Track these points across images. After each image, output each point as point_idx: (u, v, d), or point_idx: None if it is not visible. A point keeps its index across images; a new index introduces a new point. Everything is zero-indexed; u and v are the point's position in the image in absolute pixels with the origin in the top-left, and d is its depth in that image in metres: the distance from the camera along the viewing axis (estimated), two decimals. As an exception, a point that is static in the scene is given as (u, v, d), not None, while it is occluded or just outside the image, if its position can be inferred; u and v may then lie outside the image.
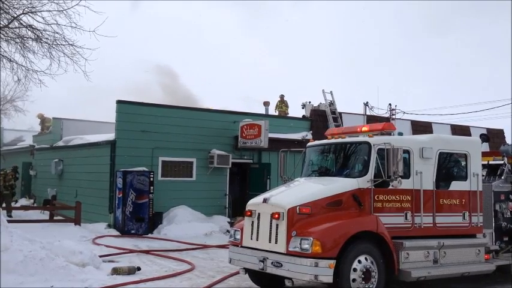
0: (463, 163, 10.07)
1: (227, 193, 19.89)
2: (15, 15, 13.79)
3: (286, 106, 24.05)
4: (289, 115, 23.67)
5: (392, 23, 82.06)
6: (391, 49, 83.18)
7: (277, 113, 23.73)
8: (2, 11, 13.68)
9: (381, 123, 10.38)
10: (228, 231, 16.68)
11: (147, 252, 13.52)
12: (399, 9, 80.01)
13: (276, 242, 8.41)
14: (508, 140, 26.84)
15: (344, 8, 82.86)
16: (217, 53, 74.35)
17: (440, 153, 9.68)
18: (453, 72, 76.84)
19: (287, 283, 8.43)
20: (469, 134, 24.72)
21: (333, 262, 7.93)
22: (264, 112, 23.21)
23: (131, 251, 13.51)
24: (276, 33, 79.07)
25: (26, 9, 13.77)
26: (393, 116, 27.65)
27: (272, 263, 8.34)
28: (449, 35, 79.43)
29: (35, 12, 13.81)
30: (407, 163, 9.20)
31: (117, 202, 17.54)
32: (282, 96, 24.18)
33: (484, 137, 11.70)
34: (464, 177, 9.96)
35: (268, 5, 77.81)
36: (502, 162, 11.39)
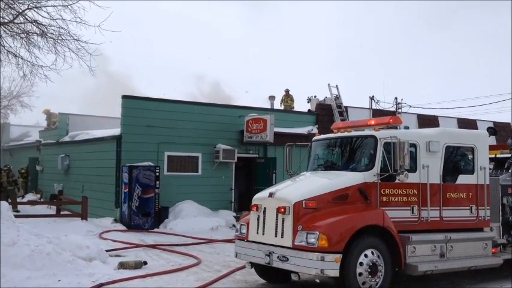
0: (470, 157, 10.00)
1: (233, 188, 19.89)
2: (20, 11, 13.79)
3: (292, 100, 23.97)
4: (294, 109, 23.61)
5: (397, 17, 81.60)
6: (398, 43, 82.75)
7: (282, 108, 23.68)
8: (7, 6, 13.69)
9: (387, 116, 10.31)
10: (234, 225, 16.70)
11: (153, 246, 13.54)
12: (404, 3, 79.56)
13: (282, 236, 8.39)
14: (515, 134, 26.68)
15: (347, 4, 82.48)
16: (218, 50, 74.30)
17: (447, 146, 9.62)
18: (460, 66, 76.42)
19: (293, 277, 8.43)
20: (476, 128, 24.58)
21: (339, 256, 7.90)
22: (269, 106, 23.17)
23: (137, 246, 13.54)
24: (278, 29, 78.85)
25: (31, 5, 13.77)
26: (399, 110, 27.57)
27: (278, 257, 8.33)
28: (455, 28, 78.92)
29: (40, 7, 13.81)
30: (413, 157, 9.14)
31: (123, 197, 17.58)
32: (287, 91, 24.09)
33: (491, 131, 11.61)
34: (471, 171, 9.89)
35: (269, 3, 77.64)
36: (510, 155, 11.32)
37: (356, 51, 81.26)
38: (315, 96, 23.37)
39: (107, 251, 11.72)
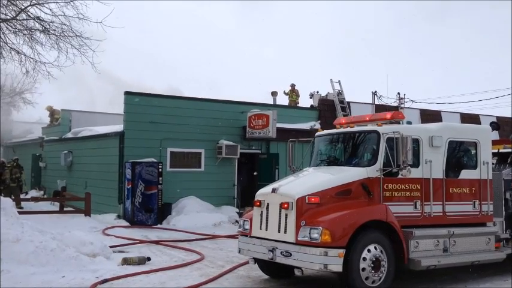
0: (473, 151, 9.99)
1: (235, 183, 19.91)
2: (23, 7, 13.81)
3: (297, 95, 23.91)
4: (297, 105, 23.57)
5: (399, 11, 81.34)
6: (400, 37, 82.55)
7: (288, 102, 23.62)
8: (9, 3, 13.70)
9: (390, 111, 10.30)
10: (237, 221, 16.73)
11: (156, 242, 13.58)
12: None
13: (285, 232, 8.40)
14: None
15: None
16: (218, 46, 74.21)
17: (449, 141, 9.61)
18: (463, 60, 76.23)
19: (296, 272, 8.43)
20: (479, 123, 24.53)
21: (342, 251, 7.92)
22: (272, 102, 23.14)
23: (141, 242, 13.58)
24: (279, 24, 78.68)
25: (34, 1, 13.79)
26: (402, 105, 27.53)
27: (281, 252, 8.34)
28: (457, 22, 78.70)
29: (42, 3, 13.83)
30: (416, 152, 9.12)
31: (126, 193, 17.62)
32: (293, 86, 24.00)
33: (494, 125, 11.60)
34: (474, 166, 9.89)
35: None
36: (513, 150, 11.30)
37: (358, 46, 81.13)
38: (318, 92, 23.34)
39: (111, 247, 11.77)
